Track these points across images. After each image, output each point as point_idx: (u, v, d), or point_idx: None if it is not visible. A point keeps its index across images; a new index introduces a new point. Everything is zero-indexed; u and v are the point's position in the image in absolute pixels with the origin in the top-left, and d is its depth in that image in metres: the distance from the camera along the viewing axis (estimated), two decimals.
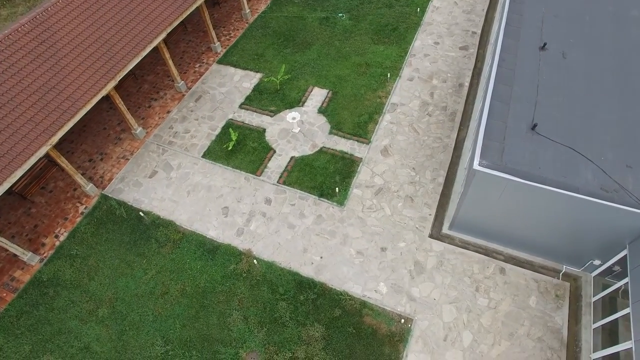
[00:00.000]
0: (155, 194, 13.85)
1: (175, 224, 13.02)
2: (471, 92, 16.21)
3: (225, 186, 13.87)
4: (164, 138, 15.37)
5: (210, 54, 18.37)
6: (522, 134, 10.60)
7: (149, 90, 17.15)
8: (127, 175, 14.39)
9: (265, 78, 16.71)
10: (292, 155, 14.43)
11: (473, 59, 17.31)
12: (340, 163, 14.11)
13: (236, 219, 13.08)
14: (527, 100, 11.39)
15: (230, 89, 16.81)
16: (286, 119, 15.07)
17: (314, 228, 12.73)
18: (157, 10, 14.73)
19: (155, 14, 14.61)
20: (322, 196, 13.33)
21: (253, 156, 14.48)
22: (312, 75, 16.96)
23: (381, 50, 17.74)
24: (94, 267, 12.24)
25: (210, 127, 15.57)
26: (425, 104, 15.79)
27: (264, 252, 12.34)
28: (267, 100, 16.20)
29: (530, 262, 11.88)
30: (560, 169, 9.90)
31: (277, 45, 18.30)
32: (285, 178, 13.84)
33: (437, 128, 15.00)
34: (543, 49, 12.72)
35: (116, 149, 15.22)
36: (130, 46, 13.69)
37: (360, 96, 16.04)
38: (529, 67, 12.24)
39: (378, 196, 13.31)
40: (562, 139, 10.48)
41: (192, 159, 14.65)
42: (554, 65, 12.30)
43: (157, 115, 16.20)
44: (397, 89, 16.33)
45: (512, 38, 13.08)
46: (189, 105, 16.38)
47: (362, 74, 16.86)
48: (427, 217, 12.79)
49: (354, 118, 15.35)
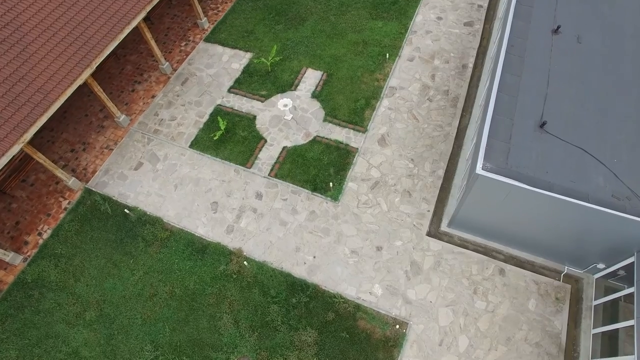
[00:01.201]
0: (141, 187, 13.22)
1: (162, 220, 12.49)
2: (475, 74, 15.18)
3: (214, 179, 13.22)
4: (149, 126, 14.54)
5: (197, 30, 17.11)
6: (529, 133, 9.82)
7: (132, 72, 16.09)
8: (111, 167, 13.70)
9: (255, 59, 15.60)
10: (284, 145, 13.67)
11: (478, 36, 16.11)
12: (334, 154, 13.38)
13: (226, 215, 12.54)
14: (537, 93, 10.50)
15: (218, 71, 15.75)
16: (278, 105, 14.16)
17: (306, 225, 12.22)
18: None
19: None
20: (315, 190, 12.71)
21: (243, 146, 13.72)
22: (306, 55, 15.84)
23: (380, 26, 16.49)
24: (80, 268, 11.83)
25: (198, 113, 14.69)
26: (426, 88, 14.81)
27: (254, 251, 11.89)
28: (258, 84, 15.20)
29: (532, 262, 11.45)
30: (570, 173, 9.22)
31: (269, 21, 17.01)
32: (276, 170, 13.16)
33: (437, 115, 14.13)
34: (556, 33, 11.64)
35: (99, 138, 14.43)
36: (106, 28, 12.57)
37: (356, 79, 15.03)
38: (539, 53, 11.23)
39: (374, 190, 12.69)
40: (572, 137, 9.72)
41: (179, 149, 13.90)
42: (568, 51, 11.28)
43: (142, 101, 15.26)
44: (396, 70, 15.29)
45: (523, 19, 11.95)
46: (175, 89, 15.40)
47: (359, 53, 15.73)
48: (425, 214, 12.24)
49: (349, 104, 14.44)
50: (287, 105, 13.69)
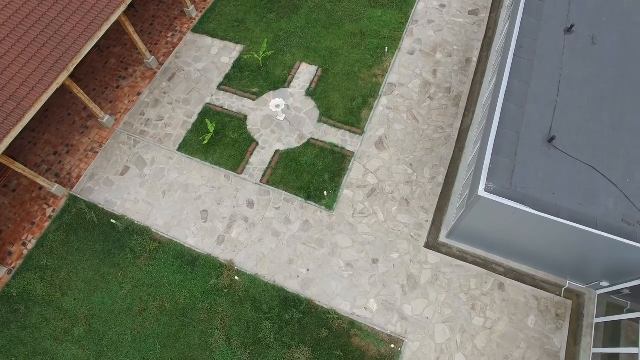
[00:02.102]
0: (129, 194, 12.68)
1: (150, 230, 12.03)
2: (479, 68, 14.31)
3: (204, 185, 12.66)
4: (135, 126, 13.83)
5: (184, 19, 16.05)
6: (537, 148, 9.18)
7: (117, 66, 15.20)
8: (96, 172, 13.11)
9: (245, 54, 14.67)
10: (276, 148, 13.02)
11: (484, 26, 15.11)
12: (329, 158, 12.75)
13: (216, 224, 12.07)
14: (546, 102, 9.77)
15: (207, 65, 14.86)
16: (270, 106, 13.41)
17: (300, 236, 11.77)
18: None
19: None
20: (309, 199, 12.18)
21: (233, 149, 13.08)
22: (300, 47, 14.90)
23: (379, 15, 15.44)
24: (67, 280, 11.48)
25: (186, 113, 13.94)
26: (427, 85, 13.99)
27: (246, 263, 11.50)
28: (249, 80, 14.36)
29: (532, 275, 11.07)
30: (578, 194, 8.66)
31: (260, 9, 15.92)
32: (269, 177, 12.59)
33: (438, 115, 13.40)
34: (569, 32, 10.76)
35: (83, 139, 13.76)
36: (82, 25, 11.66)
37: (353, 75, 14.18)
38: (550, 56, 10.41)
39: (371, 198, 12.16)
40: (582, 153, 9.09)
41: (167, 153, 13.27)
42: (581, 53, 10.45)
43: (127, 98, 14.47)
44: (396, 65, 14.40)
45: (534, 16, 11.03)
46: (162, 86, 14.57)
47: (356, 46, 14.79)
48: (423, 224, 11.76)
49: (346, 102, 13.67)
50: (279, 106, 12.94)
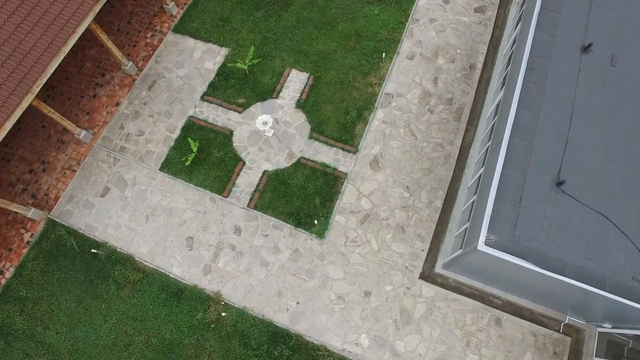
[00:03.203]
0: (110, 218, 12.05)
1: (134, 259, 11.51)
2: (484, 76, 13.22)
3: (189, 209, 12.00)
4: (115, 142, 12.96)
5: (165, 17, 14.73)
6: (544, 193, 8.43)
7: (93, 72, 14.10)
8: (75, 193, 12.41)
9: (230, 63, 13.50)
10: (264, 168, 12.23)
11: (490, 26, 13.84)
12: (321, 180, 12.00)
13: (202, 252, 11.53)
14: (557, 137, 8.91)
15: (190, 72, 13.75)
16: (256, 123, 12.47)
17: (289, 266, 11.25)
18: None
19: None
20: (299, 226, 11.55)
21: (219, 170, 12.30)
22: (290, 50, 13.72)
23: (376, 13, 14.12)
24: (48, 313, 11.09)
25: (168, 127, 13.03)
26: (427, 95, 12.97)
27: (234, 295, 11.06)
28: (235, 89, 13.32)
29: (531, 310, 10.64)
30: (586, 247, 8.02)
31: (246, 5, 14.56)
32: (256, 201, 11.89)
33: (438, 130, 12.49)
34: (586, 51, 9.69)
35: (60, 156, 12.94)
36: (46, 40, 10.55)
37: (347, 83, 13.12)
38: (564, 81, 9.42)
39: (364, 225, 11.53)
40: (593, 199, 8.36)
41: (149, 172, 12.49)
42: (598, 77, 9.45)
43: (105, 109, 13.50)
44: (394, 72, 13.30)
45: (547, 31, 9.91)
46: (142, 95, 13.55)
47: (351, 49, 13.61)
48: (419, 254, 11.20)
49: (339, 116, 12.72)
50: (266, 124, 12.02)
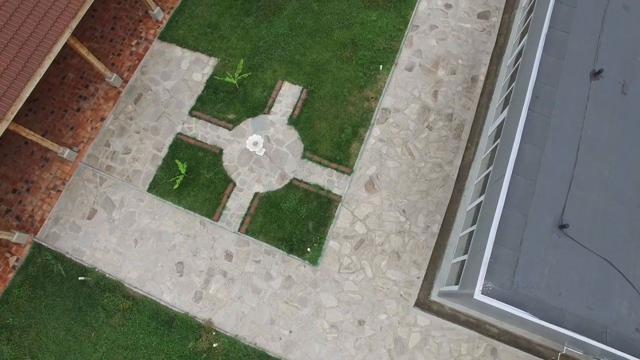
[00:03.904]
0: (98, 242, 11.72)
1: (123, 285, 11.24)
2: (486, 89, 12.58)
3: (178, 233, 11.65)
4: (101, 161, 12.48)
5: (150, 23, 13.94)
6: (545, 236, 8.03)
7: (76, 83, 13.45)
8: (61, 215, 12.03)
9: (219, 76, 12.81)
10: (256, 190, 11.80)
11: (494, 34, 13.07)
12: (314, 203, 11.58)
13: (193, 278, 11.25)
14: (561, 174, 8.43)
15: (177, 84, 13.10)
16: (246, 144, 11.95)
17: (282, 293, 10.99)
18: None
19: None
20: (291, 252, 11.22)
21: (208, 191, 11.86)
22: (282, 61, 13.02)
23: (373, 19, 13.31)
24: (37, 342, 10.92)
25: (156, 145, 12.50)
26: (426, 110, 12.37)
27: (225, 323, 10.85)
28: (224, 104, 12.71)
29: (528, 339, 10.44)
30: (588, 295, 7.69)
31: (236, 11, 13.74)
32: (247, 225, 11.52)
33: (437, 149, 11.97)
34: (596, 77, 9.06)
35: (44, 175, 12.49)
36: (19, 62, 9.91)
37: (342, 98, 12.50)
38: (571, 110, 8.85)
39: (358, 251, 11.19)
40: (597, 243, 7.96)
41: (137, 193, 12.07)
42: (608, 106, 8.88)
43: (89, 125, 12.94)
44: (391, 85, 12.65)
45: (555, 54, 9.25)
46: (127, 110, 12.96)
47: (346, 60, 12.91)
48: (414, 281, 10.91)
49: (333, 134, 12.17)
50: (257, 144, 11.50)
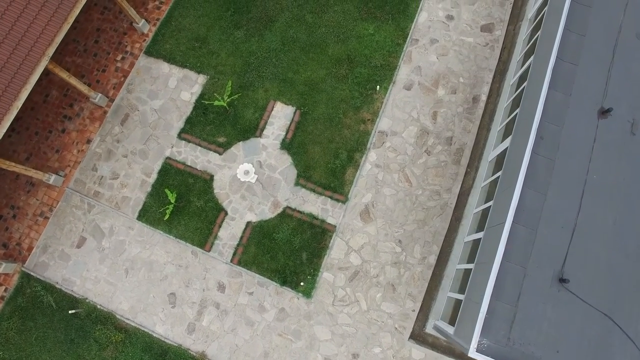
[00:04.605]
0: (88, 272, 11.50)
1: (115, 317, 11.10)
2: (488, 108, 12.03)
3: (170, 263, 11.41)
4: (88, 186, 12.10)
5: (135, 36, 13.23)
6: (544, 290, 7.73)
7: (60, 101, 12.90)
8: (49, 243, 11.77)
9: (207, 100, 12.23)
10: (248, 219, 11.47)
11: (498, 49, 12.39)
12: (308, 233, 11.27)
13: (185, 310, 11.09)
14: (563, 222, 8.05)
15: (165, 103, 12.55)
16: (237, 173, 11.51)
17: (276, 326, 10.85)
18: (24, 17, 9.70)
19: (23, 24, 9.66)
20: (285, 284, 11.00)
21: (199, 220, 11.54)
22: (274, 79, 12.41)
23: (370, 32, 12.60)
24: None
25: (144, 169, 12.08)
26: (425, 133, 11.86)
27: (219, 356, 10.76)
28: (214, 126, 12.20)
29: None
30: (587, 353, 7.46)
31: (226, 22, 12.99)
32: (240, 256, 11.26)
33: (436, 175, 11.54)
34: (604, 115, 8.54)
35: (30, 200, 12.15)
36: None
37: (337, 120, 11.98)
38: (577, 152, 8.39)
39: (353, 283, 10.97)
40: (599, 296, 7.67)
41: (126, 221, 11.76)
42: (615, 147, 8.42)
43: (75, 147, 12.48)
44: (389, 105, 12.09)
45: (562, 89, 8.70)
46: (114, 131, 12.46)
47: (341, 78, 12.29)
48: (409, 314, 10.74)
49: (327, 159, 11.72)
50: (248, 173, 11.10)
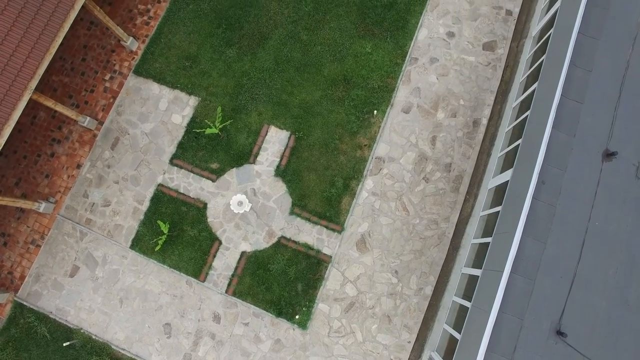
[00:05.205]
0: (82, 301, 11.41)
1: (111, 347, 11.07)
2: (489, 132, 11.69)
3: (164, 292, 11.30)
4: (80, 213, 11.87)
5: (124, 54, 12.72)
6: (541, 343, 7.62)
7: (48, 123, 12.53)
8: (42, 272, 11.64)
9: (198, 128, 11.83)
10: (242, 249, 11.29)
11: (500, 69, 11.93)
12: (303, 264, 11.12)
13: (181, 340, 11.05)
14: (562, 272, 7.88)
15: (156, 127, 12.18)
16: (231, 204, 11.26)
17: (271, 357, 10.82)
18: (3, 51, 9.26)
19: (2, 58, 9.23)
20: (280, 315, 10.92)
21: (193, 250, 11.36)
22: (268, 101, 12.00)
23: (368, 51, 12.10)
24: None
25: (136, 196, 11.83)
26: (423, 159, 11.55)
27: None
28: (207, 151, 11.87)
29: None
30: None
31: (217, 40, 12.47)
32: (235, 287, 11.13)
33: (434, 204, 11.30)
34: (609, 158, 8.22)
35: (21, 227, 11.95)
36: None
37: (333, 146, 11.64)
38: (579, 197, 8.14)
39: (349, 314, 10.89)
40: (596, 350, 7.56)
41: (119, 250, 11.59)
42: (620, 193, 8.16)
43: (65, 172, 12.19)
44: (386, 129, 11.73)
45: (566, 130, 8.37)
46: (104, 156, 12.14)
47: (338, 100, 11.89)
48: (405, 346, 10.69)
49: (323, 187, 11.44)
50: (242, 204, 10.85)
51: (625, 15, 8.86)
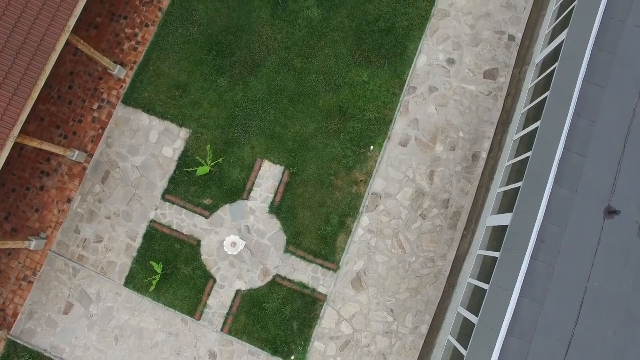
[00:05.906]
0: (77, 339, 11.38)
1: None
2: (488, 165, 11.39)
3: (160, 330, 11.26)
4: (72, 249, 11.71)
5: (112, 82, 12.27)
6: None
7: (36, 155, 12.20)
8: (35, 309, 11.56)
9: (189, 168, 11.48)
10: (237, 288, 11.18)
11: (501, 99, 11.53)
12: (298, 303, 11.02)
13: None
14: (560, 334, 7.74)
15: (147, 160, 11.87)
16: (224, 246, 11.07)
17: None
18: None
19: None
20: (276, 354, 10.91)
21: (188, 289, 11.25)
22: (261, 134, 11.65)
23: (364, 80, 11.66)
24: None
25: (129, 233, 11.63)
26: (420, 195, 11.29)
27: None
28: (199, 186, 11.59)
29: None
30: None
31: (208, 67, 12.00)
32: (230, 325, 11.07)
33: (430, 241, 11.11)
34: (610, 216, 7.97)
35: (12, 263, 11.80)
36: None
37: (328, 182, 11.36)
38: (579, 257, 7.92)
39: (344, 352, 10.87)
40: None
41: (114, 287, 11.48)
42: (621, 252, 7.94)
43: (56, 207, 11.95)
44: (383, 164, 11.43)
45: (568, 185, 8.09)
46: (95, 190, 11.88)
47: (333, 134, 11.53)
48: None
49: (318, 224, 11.23)
50: (235, 245, 10.67)
51: (633, 60, 8.44)
